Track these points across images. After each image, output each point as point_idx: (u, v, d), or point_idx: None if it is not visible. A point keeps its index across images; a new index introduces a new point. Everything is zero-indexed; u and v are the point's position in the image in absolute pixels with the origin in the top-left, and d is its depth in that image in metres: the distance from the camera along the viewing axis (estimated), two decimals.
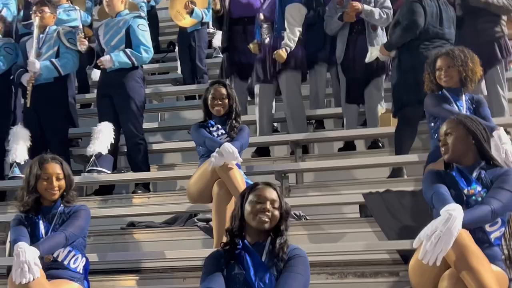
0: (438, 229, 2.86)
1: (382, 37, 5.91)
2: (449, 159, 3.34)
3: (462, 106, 4.38)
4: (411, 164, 5.28)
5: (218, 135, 4.71)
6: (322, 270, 4.23)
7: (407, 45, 5.25)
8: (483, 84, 5.63)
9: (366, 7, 5.82)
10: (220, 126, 4.74)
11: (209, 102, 4.78)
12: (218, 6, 6.60)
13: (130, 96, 5.94)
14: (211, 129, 4.74)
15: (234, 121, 4.73)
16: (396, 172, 5.39)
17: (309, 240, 4.48)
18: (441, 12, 5.29)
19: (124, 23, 5.98)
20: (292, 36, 5.91)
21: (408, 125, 5.26)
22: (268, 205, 3.02)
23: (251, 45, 6.14)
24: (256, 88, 6.11)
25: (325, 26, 6.06)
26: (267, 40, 6.05)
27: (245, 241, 3.03)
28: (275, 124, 6.69)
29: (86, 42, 6.01)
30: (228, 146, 4.38)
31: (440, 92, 4.45)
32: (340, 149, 6.22)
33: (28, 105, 5.99)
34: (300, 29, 5.97)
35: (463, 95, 4.43)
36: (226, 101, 4.74)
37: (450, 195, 3.14)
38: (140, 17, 6.12)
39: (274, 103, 6.25)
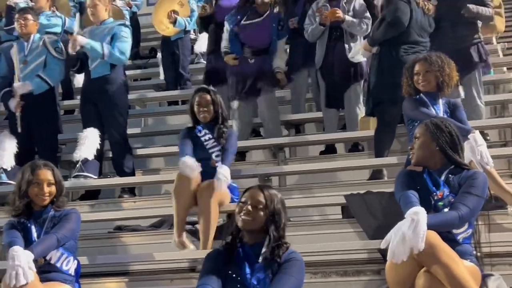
0: (403, 232, 2.97)
1: (359, 43, 6.06)
2: (415, 163, 3.45)
3: (439, 109, 4.53)
4: (390, 166, 5.43)
5: (205, 140, 4.82)
6: (306, 270, 4.18)
7: (388, 46, 5.39)
8: (460, 88, 5.81)
9: (348, 18, 5.97)
10: (207, 131, 4.85)
11: (195, 109, 4.88)
12: (209, 10, 6.74)
13: (114, 102, 6.03)
14: (198, 134, 4.84)
15: (221, 126, 4.84)
16: (376, 174, 5.55)
17: (293, 241, 4.44)
18: (423, 20, 5.46)
19: (109, 31, 6.07)
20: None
21: (386, 126, 5.40)
22: (250, 206, 3.08)
23: (228, 59, 6.21)
24: (234, 104, 6.22)
25: (306, 34, 6.20)
26: (252, 61, 6.17)
27: (244, 242, 3.11)
28: (261, 129, 6.80)
29: (78, 46, 6.01)
30: (223, 173, 4.50)
31: (417, 96, 4.60)
32: (321, 152, 6.37)
33: (19, 130, 6.04)
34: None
35: (440, 99, 4.59)
36: (211, 107, 4.84)
37: (416, 198, 3.23)
38: (124, 25, 6.21)
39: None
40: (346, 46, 6.00)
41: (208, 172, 4.60)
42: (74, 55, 6.01)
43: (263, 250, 3.05)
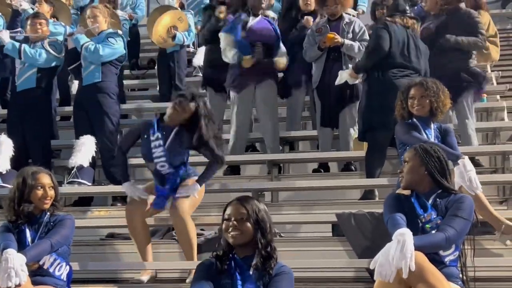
0: (391, 253, 3.03)
1: (346, 70, 6.04)
2: (404, 187, 3.52)
3: (431, 134, 4.60)
4: (381, 187, 5.50)
5: (155, 146, 4.61)
6: (295, 286, 4.37)
7: (377, 72, 5.47)
8: (453, 114, 5.91)
9: (347, 41, 6.07)
10: (160, 136, 4.62)
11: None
12: (222, 16, 6.78)
13: (105, 111, 6.10)
14: (151, 137, 4.63)
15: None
16: (368, 194, 5.62)
17: (283, 257, 4.49)
18: (409, 42, 5.54)
19: (102, 38, 6.17)
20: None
21: (377, 149, 5.48)
22: (235, 222, 3.11)
23: (247, 59, 6.12)
24: (233, 108, 6.24)
25: (304, 54, 6.29)
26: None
27: (235, 254, 3.15)
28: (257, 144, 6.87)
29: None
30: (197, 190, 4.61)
31: (410, 120, 4.67)
32: (314, 170, 6.44)
33: None
34: None
35: (432, 124, 4.66)
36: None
37: (403, 221, 3.29)
38: (117, 34, 6.28)
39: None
40: (344, 67, 6.08)
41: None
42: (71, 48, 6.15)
43: (254, 260, 3.09)
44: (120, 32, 6.51)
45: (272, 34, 6.27)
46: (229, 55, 6.22)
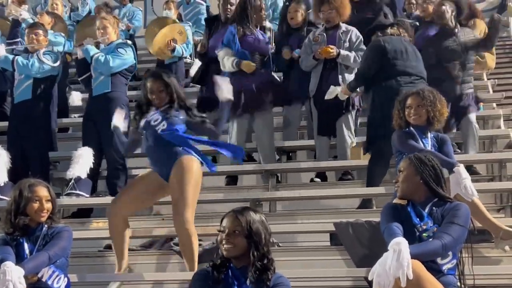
0: (388, 263, 3.04)
1: (337, 87, 6.09)
2: (400, 196, 3.54)
3: (428, 143, 4.63)
4: (379, 196, 5.51)
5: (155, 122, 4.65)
6: None
7: (381, 83, 5.50)
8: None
9: (342, 52, 6.09)
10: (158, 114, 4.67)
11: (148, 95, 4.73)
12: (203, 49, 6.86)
13: None
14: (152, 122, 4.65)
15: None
16: (366, 203, 5.62)
17: (281, 266, 4.51)
18: (406, 48, 5.59)
19: (111, 49, 6.19)
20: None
21: (381, 159, 5.48)
22: (227, 235, 3.11)
23: (248, 63, 6.13)
24: (232, 122, 6.22)
25: (300, 63, 6.32)
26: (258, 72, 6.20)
27: (231, 264, 3.15)
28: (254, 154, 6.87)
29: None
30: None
31: (407, 129, 4.69)
32: (312, 180, 6.45)
33: None
34: None
35: (429, 133, 4.69)
36: (164, 94, 4.67)
37: (400, 230, 3.30)
38: (126, 44, 6.32)
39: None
40: (340, 76, 6.11)
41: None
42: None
43: (250, 273, 3.08)
44: (129, 42, 6.55)
45: (265, 45, 6.30)
46: (227, 63, 6.22)
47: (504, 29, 10.49)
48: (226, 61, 6.22)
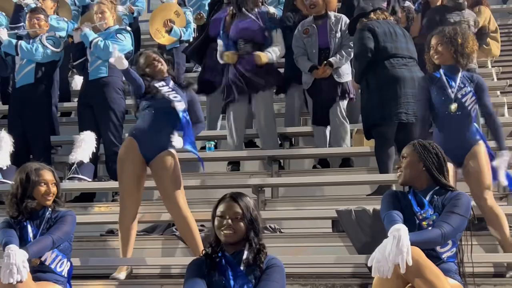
0: (387, 249, 3.05)
1: (347, 64, 6.11)
2: (401, 183, 3.54)
3: (454, 85, 4.45)
4: (382, 184, 5.49)
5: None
6: (295, 281, 4.43)
7: (373, 67, 5.44)
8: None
9: (333, 61, 5.97)
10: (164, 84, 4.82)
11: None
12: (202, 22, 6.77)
13: (110, 106, 6.09)
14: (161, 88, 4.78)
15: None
16: (382, 189, 5.53)
17: (283, 252, 4.64)
18: (395, 30, 5.54)
19: (110, 34, 6.16)
20: (275, 56, 6.12)
21: (385, 144, 5.44)
22: (229, 220, 3.11)
23: (228, 54, 6.10)
24: (229, 108, 6.21)
25: (296, 61, 6.19)
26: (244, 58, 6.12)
27: (224, 251, 3.16)
28: (257, 140, 6.86)
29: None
30: None
31: (437, 73, 4.53)
32: (314, 166, 6.44)
33: None
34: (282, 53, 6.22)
35: (459, 73, 4.51)
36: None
37: (400, 217, 3.30)
38: (125, 30, 6.30)
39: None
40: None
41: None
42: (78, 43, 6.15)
43: (245, 256, 3.11)
44: (128, 28, 6.51)
45: (256, 31, 6.15)
46: (218, 55, 6.25)
47: (510, 16, 10.45)
48: (219, 52, 6.24)
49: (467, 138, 4.42)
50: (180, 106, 4.67)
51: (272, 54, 6.11)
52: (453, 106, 4.41)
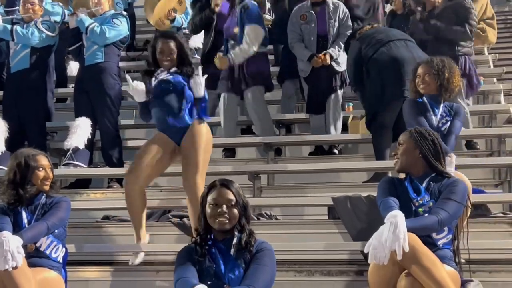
0: (384, 235, 3.05)
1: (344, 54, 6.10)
2: (398, 169, 3.55)
3: (438, 113, 4.51)
4: (378, 171, 5.49)
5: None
6: (291, 267, 4.44)
7: (372, 56, 5.40)
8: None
9: (332, 53, 5.99)
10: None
11: (157, 56, 4.59)
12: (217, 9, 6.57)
13: (106, 92, 6.07)
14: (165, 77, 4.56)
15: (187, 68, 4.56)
16: (378, 176, 5.55)
17: (279, 239, 4.65)
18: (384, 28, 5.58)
19: (105, 19, 6.14)
20: (242, 54, 5.94)
21: (382, 132, 5.43)
22: (225, 208, 3.11)
23: (217, 59, 6.03)
24: (222, 97, 6.17)
25: (291, 47, 6.16)
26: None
27: (214, 237, 3.15)
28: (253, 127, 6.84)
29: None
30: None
31: (419, 99, 4.58)
32: (310, 153, 6.43)
33: None
34: (255, 49, 5.95)
35: (442, 104, 4.56)
36: (175, 56, 4.55)
37: (396, 204, 3.31)
38: (121, 15, 6.26)
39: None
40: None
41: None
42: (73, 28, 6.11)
43: (235, 241, 3.11)
44: (124, 13, 6.48)
45: (231, 31, 6.04)
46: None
47: (506, 3, 10.43)
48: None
49: None
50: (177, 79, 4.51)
51: (234, 57, 5.93)
52: None
